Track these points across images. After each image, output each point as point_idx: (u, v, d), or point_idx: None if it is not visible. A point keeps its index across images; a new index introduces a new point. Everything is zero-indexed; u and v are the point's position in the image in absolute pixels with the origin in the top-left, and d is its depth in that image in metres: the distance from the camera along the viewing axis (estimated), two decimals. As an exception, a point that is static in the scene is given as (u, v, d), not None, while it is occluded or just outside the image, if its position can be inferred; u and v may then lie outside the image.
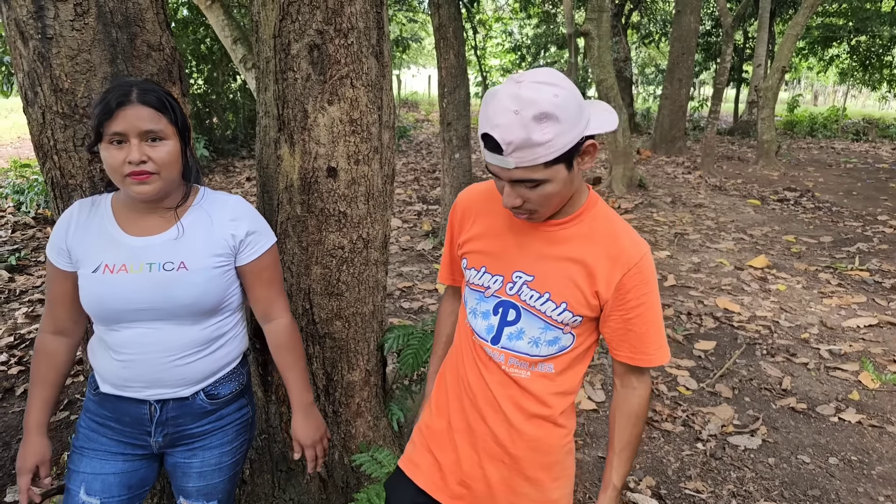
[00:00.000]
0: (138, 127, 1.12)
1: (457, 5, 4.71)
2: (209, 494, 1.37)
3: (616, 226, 1.11)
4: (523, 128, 0.91)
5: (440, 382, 1.31)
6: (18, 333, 3.65)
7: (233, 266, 1.28)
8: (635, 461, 2.44)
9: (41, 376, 1.29)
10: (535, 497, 1.20)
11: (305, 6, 1.73)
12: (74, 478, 1.25)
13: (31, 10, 1.46)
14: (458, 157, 5.00)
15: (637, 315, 1.10)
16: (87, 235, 1.22)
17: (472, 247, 1.20)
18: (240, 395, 1.38)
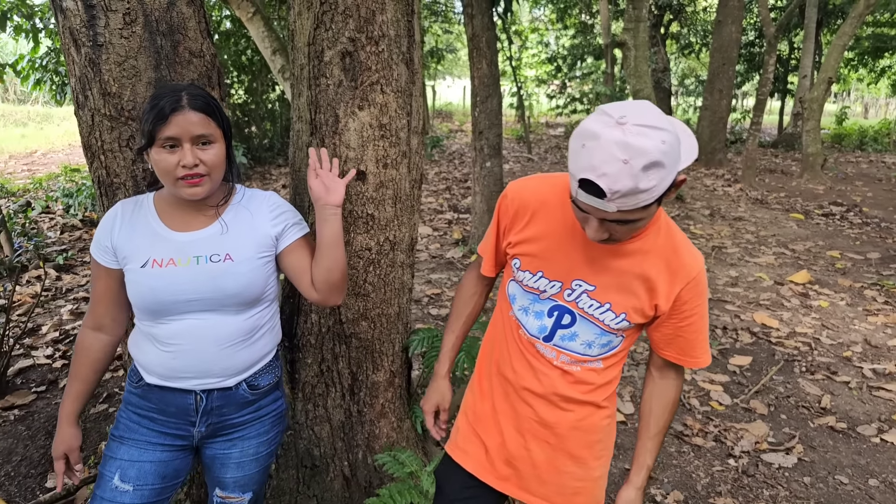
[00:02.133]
0: (191, 132, 1.17)
1: (490, 16, 4.75)
2: (245, 486, 1.41)
3: (676, 239, 1.12)
4: (632, 178, 0.87)
5: (483, 368, 1.34)
6: (63, 329, 3.82)
7: (273, 256, 1.34)
8: (663, 475, 2.39)
9: (77, 370, 1.35)
10: (579, 475, 1.24)
11: (339, 15, 1.79)
12: (110, 464, 1.30)
13: (84, 20, 1.55)
14: (489, 165, 5.02)
15: (689, 324, 1.14)
16: (133, 233, 1.27)
17: (527, 249, 1.18)
18: (275, 388, 1.42)
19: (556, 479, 1.24)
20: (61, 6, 1.57)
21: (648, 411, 1.23)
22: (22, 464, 2.44)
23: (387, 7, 1.81)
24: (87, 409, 2.86)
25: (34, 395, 2.98)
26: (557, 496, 1.25)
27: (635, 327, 1.17)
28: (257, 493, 1.47)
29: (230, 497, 1.42)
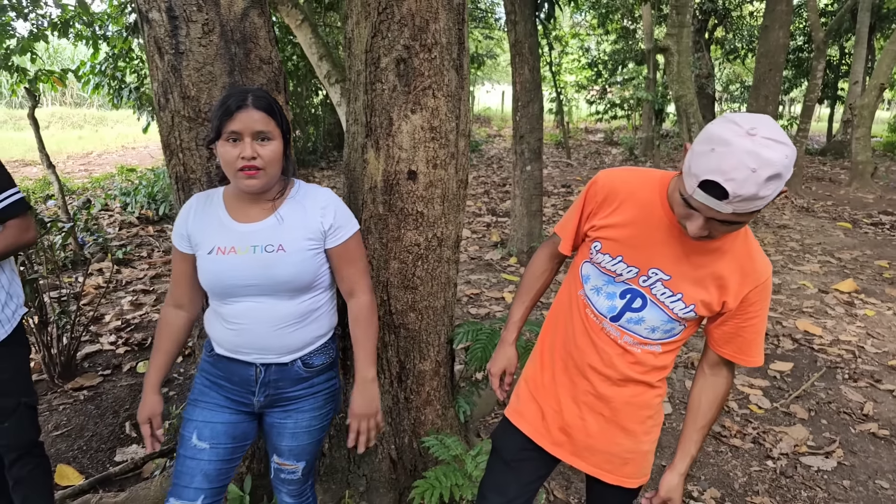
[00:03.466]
0: (251, 127, 1.31)
1: (533, 22, 4.83)
2: (299, 455, 1.54)
3: (751, 245, 1.19)
4: (756, 186, 0.95)
5: (546, 342, 1.43)
6: (125, 319, 4.07)
7: (322, 249, 1.45)
8: (700, 472, 2.42)
9: (160, 343, 1.50)
10: (629, 447, 1.31)
11: (395, 24, 1.91)
12: (188, 426, 1.45)
13: (168, 29, 1.71)
14: (529, 169, 5.09)
15: (751, 325, 1.21)
16: (204, 223, 1.42)
17: (611, 234, 1.25)
18: (329, 368, 1.54)
19: (608, 449, 1.32)
20: (147, 17, 1.74)
21: (697, 405, 1.30)
22: (93, 439, 2.64)
23: (440, 16, 1.93)
24: (149, 391, 3.06)
25: (101, 377, 3.20)
26: (607, 465, 1.33)
27: (697, 320, 1.24)
28: (310, 463, 1.59)
29: (285, 464, 1.55)
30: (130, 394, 3.03)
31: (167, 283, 4.84)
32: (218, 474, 1.43)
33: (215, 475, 1.42)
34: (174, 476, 1.43)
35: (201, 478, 1.40)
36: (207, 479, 1.41)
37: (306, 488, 1.64)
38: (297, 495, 1.63)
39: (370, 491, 2.08)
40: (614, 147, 14.54)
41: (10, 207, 1.70)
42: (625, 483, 1.35)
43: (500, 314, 4.14)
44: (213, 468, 1.42)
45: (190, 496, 1.39)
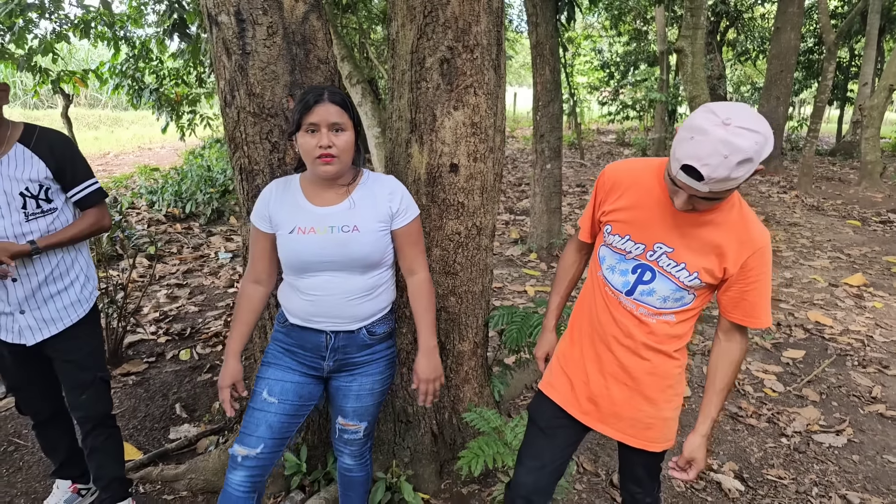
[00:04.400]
0: (328, 119, 1.46)
1: (555, 24, 4.98)
2: (362, 415, 1.69)
3: (747, 216, 1.33)
4: (728, 169, 1.10)
5: (575, 321, 1.57)
6: (162, 311, 4.24)
7: (389, 230, 1.60)
8: (718, 448, 2.56)
9: (240, 314, 1.66)
10: (651, 413, 1.45)
11: (439, 27, 2.06)
12: (260, 383, 1.61)
13: (236, 31, 1.87)
14: (549, 167, 5.23)
15: (754, 288, 1.33)
16: (283, 206, 1.57)
17: (619, 217, 1.41)
18: (389, 336, 1.69)
19: (632, 416, 1.46)
20: (216, 20, 1.90)
21: (715, 369, 1.43)
22: (146, 419, 2.81)
23: (481, 19, 2.08)
24: (194, 377, 3.23)
25: (146, 364, 3.37)
26: (631, 430, 1.47)
27: (705, 287, 1.37)
28: (371, 425, 1.75)
29: (349, 424, 1.71)
30: (176, 379, 3.20)
31: (199, 278, 5.02)
32: (281, 427, 1.58)
33: (278, 427, 1.57)
34: (242, 427, 1.59)
35: (265, 428, 1.56)
36: (270, 429, 1.56)
37: (365, 450, 1.80)
38: (357, 456, 1.78)
39: (414, 462, 2.23)
40: (626, 148, 14.65)
41: (91, 196, 1.86)
42: (649, 447, 1.48)
43: (522, 306, 4.28)
44: (278, 420, 1.57)
45: (252, 443, 1.55)
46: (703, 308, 1.44)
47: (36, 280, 1.78)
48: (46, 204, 1.76)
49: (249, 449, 1.54)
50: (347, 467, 1.81)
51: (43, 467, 2.42)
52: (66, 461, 2.10)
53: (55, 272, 1.81)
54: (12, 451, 2.55)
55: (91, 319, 1.92)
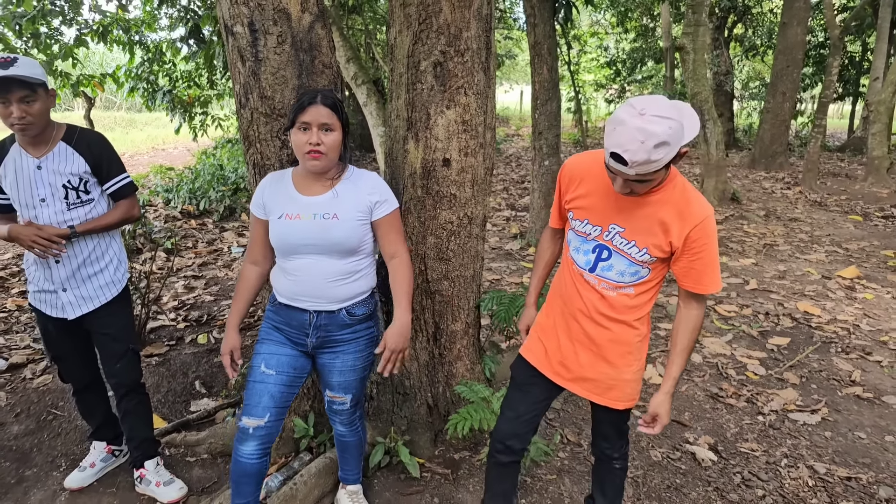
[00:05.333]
0: (318, 119, 1.65)
1: (552, 24, 5.16)
2: (346, 388, 1.90)
3: (689, 194, 1.50)
4: (646, 153, 1.28)
5: (551, 296, 1.78)
6: (181, 299, 4.50)
7: (369, 221, 1.79)
8: (696, 424, 2.75)
9: (240, 293, 1.88)
10: (613, 375, 1.64)
11: (433, 33, 2.27)
12: (257, 358, 1.81)
13: (249, 41, 2.10)
14: (547, 164, 5.42)
15: (699, 259, 1.51)
16: (276, 195, 1.78)
17: (578, 203, 1.62)
18: (369, 318, 1.89)
19: (595, 378, 1.66)
20: (232, 30, 2.12)
21: (676, 333, 1.62)
22: (168, 394, 3.05)
23: (471, 25, 2.28)
24: (211, 358, 3.48)
25: (167, 347, 3.62)
26: (596, 390, 1.68)
27: (657, 262, 1.56)
28: (356, 397, 1.95)
29: (336, 396, 1.92)
30: (195, 360, 3.44)
31: (213, 270, 5.28)
32: (281, 396, 1.79)
33: (279, 397, 1.78)
34: (244, 400, 1.80)
35: (268, 398, 1.76)
36: (273, 399, 1.77)
37: (355, 418, 2.01)
38: (347, 424, 2.00)
39: (410, 430, 2.45)
40: (632, 144, 14.69)
41: (123, 189, 2.10)
42: (612, 405, 1.69)
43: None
44: (278, 391, 1.78)
45: (259, 413, 1.75)
46: (660, 281, 1.63)
47: (76, 262, 2.02)
48: (85, 195, 2.00)
49: (258, 419, 1.75)
50: (341, 433, 2.03)
51: (78, 434, 2.68)
52: (102, 425, 2.36)
53: (92, 255, 2.05)
54: (51, 420, 2.81)
55: (123, 298, 2.16)
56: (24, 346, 3.63)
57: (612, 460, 1.83)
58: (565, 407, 2.87)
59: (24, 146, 1.96)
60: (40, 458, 2.53)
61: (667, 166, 1.38)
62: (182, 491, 2.24)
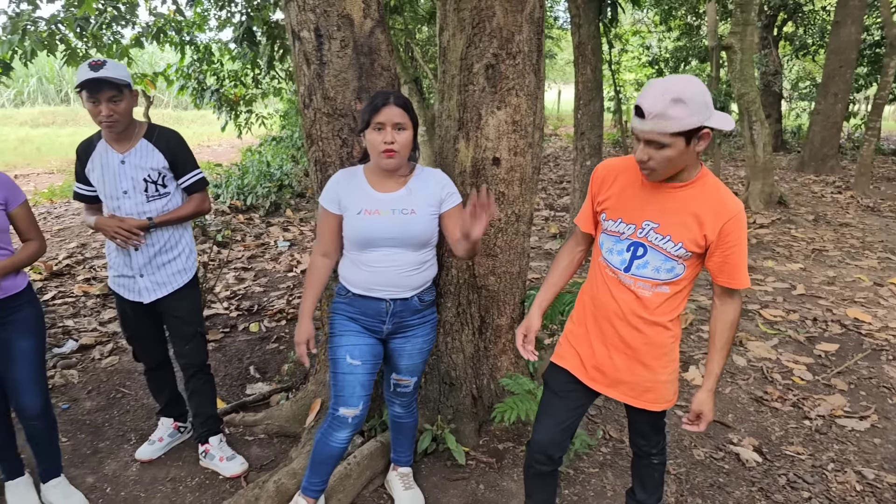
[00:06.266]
0: (392, 119, 1.76)
1: (597, 25, 5.17)
2: (413, 371, 2.01)
3: (719, 189, 1.53)
4: (663, 105, 1.35)
5: (580, 304, 1.81)
6: (232, 290, 4.70)
7: (438, 214, 1.89)
8: (741, 426, 2.75)
9: (310, 282, 1.99)
10: (649, 378, 1.67)
11: (486, 36, 2.35)
12: (339, 351, 1.91)
13: (315, 45, 2.22)
14: (589, 164, 5.42)
15: (733, 252, 1.54)
16: (350, 192, 1.89)
17: (610, 204, 1.65)
18: (433, 304, 2.01)
19: (632, 381, 1.69)
20: (299, 35, 2.25)
21: (714, 331, 1.63)
22: (226, 378, 3.23)
23: (523, 28, 2.36)
24: (263, 345, 3.64)
25: (222, 334, 3.81)
26: (632, 392, 1.70)
27: (692, 257, 1.57)
28: (418, 379, 2.06)
29: (402, 379, 2.03)
30: (248, 346, 3.62)
31: (262, 263, 5.49)
32: (368, 384, 1.90)
33: (367, 385, 1.90)
34: (335, 391, 1.90)
35: (360, 388, 1.87)
36: (363, 388, 1.88)
37: (413, 401, 2.12)
38: (406, 406, 2.11)
39: (456, 419, 2.54)
40: (674, 145, 14.44)
41: (196, 184, 2.25)
42: (649, 406, 1.71)
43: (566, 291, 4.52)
44: (367, 380, 1.89)
45: (354, 403, 1.87)
46: (693, 280, 1.64)
47: (152, 250, 2.18)
48: (162, 188, 2.16)
49: (354, 409, 1.87)
50: (398, 415, 2.13)
51: (145, 410, 2.87)
52: (169, 402, 2.53)
53: (166, 245, 2.21)
54: (120, 398, 3.01)
55: (193, 284, 2.31)
56: (91, 329, 3.87)
57: (651, 456, 1.86)
58: (606, 404, 2.91)
59: (109, 142, 2.13)
60: (112, 432, 2.72)
61: (688, 140, 1.41)
62: (243, 466, 2.38)
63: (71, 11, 5.23)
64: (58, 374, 3.25)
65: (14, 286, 1.99)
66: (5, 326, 1.98)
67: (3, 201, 1.93)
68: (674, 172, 1.52)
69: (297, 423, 2.62)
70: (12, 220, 1.99)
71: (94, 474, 2.42)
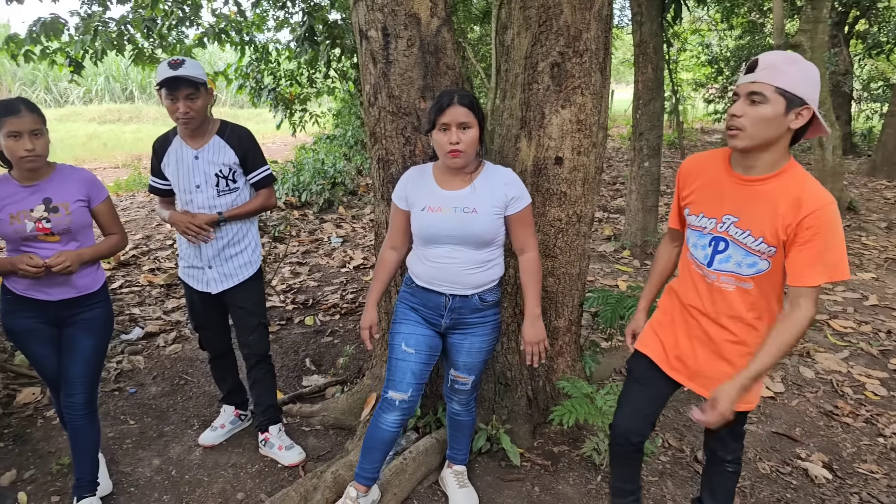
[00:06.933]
0: (457, 119, 1.75)
1: (660, 23, 5.03)
2: (471, 369, 2.01)
3: (806, 182, 1.47)
4: (781, 60, 1.41)
5: (670, 294, 1.80)
6: (288, 283, 4.82)
7: (503, 215, 1.88)
8: (809, 440, 2.63)
9: (378, 274, 2.03)
10: (730, 374, 1.60)
11: (552, 34, 2.32)
12: (396, 337, 1.96)
13: (382, 44, 2.24)
14: (647, 165, 5.29)
15: (808, 247, 1.44)
16: (418, 188, 1.91)
17: (693, 198, 1.67)
18: (496, 305, 1.99)
19: (713, 376, 1.65)
20: (366, 34, 2.27)
21: (776, 330, 1.50)
22: (282, 369, 3.31)
23: (591, 26, 2.31)
24: (318, 339, 3.71)
25: (278, 326, 3.91)
26: (712, 386, 1.63)
27: (778, 253, 1.51)
28: (477, 378, 2.06)
29: (460, 376, 2.03)
30: (304, 339, 3.70)
31: (316, 258, 5.60)
32: (420, 373, 1.92)
33: (419, 373, 1.92)
34: (388, 374, 1.94)
35: (410, 375, 1.90)
36: (414, 376, 1.91)
37: (471, 399, 2.11)
38: (464, 404, 2.10)
39: (511, 420, 2.52)
40: (733, 147, 13.92)
41: (264, 180, 2.32)
42: None
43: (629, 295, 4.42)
44: (418, 368, 1.91)
45: (403, 388, 1.90)
46: (782, 278, 1.56)
47: (221, 243, 2.26)
48: (233, 184, 2.23)
49: (402, 393, 1.90)
50: (456, 412, 2.13)
51: (206, 398, 2.98)
52: (231, 391, 2.61)
53: (234, 238, 2.28)
54: (183, 385, 3.13)
55: (258, 277, 2.38)
56: (156, 318, 4.04)
57: (725, 463, 1.81)
58: (666, 412, 2.83)
59: (184, 138, 2.21)
60: (176, 417, 2.83)
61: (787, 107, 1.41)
62: (301, 456, 2.44)
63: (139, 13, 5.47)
64: (125, 359, 3.41)
65: (90, 285, 2.08)
66: (76, 324, 2.06)
67: (86, 198, 2.03)
68: (758, 143, 1.46)
69: (353, 417, 2.67)
70: (95, 216, 2.09)
71: (160, 457, 2.52)
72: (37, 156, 1.88)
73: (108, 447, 2.56)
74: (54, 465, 2.44)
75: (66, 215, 1.96)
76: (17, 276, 1.96)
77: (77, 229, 2.00)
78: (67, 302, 2.03)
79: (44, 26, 4.72)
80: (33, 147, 1.86)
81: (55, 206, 1.95)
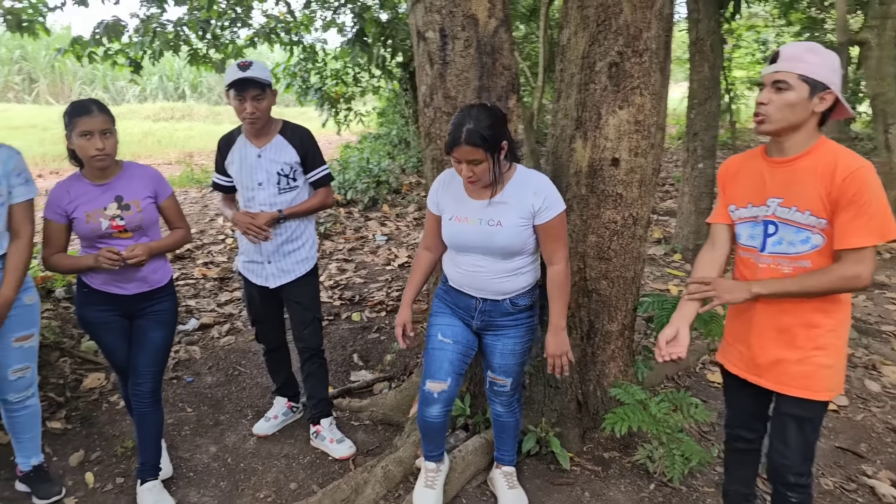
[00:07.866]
0: (466, 157, 1.71)
1: (717, 20, 4.88)
2: (506, 372, 2.01)
3: (839, 151, 1.51)
4: (800, 50, 1.50)
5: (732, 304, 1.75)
6: (335, 280, 4.90)
7: (531, 225, 1.84)
8: (876, 457, 2.51)
9: (414, 274, 2.07)
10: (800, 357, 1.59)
11: (611, 34, 2.28)
12: (433, 329, 2.00)
13: (439, 45, 2.25)
14: (701, 166, 5.14)
15: (853, 208, 1.45)
16: (448, 195, 1.93)
17: (736, 192, 1.71)
18: (530, 308, 1.97)
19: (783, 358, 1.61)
20: (424, 35, 2.29)
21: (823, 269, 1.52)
22: (331, 364, 3.37)
23: (652, 25, 2.27)
24: (365, 334, 3.77)
25: (326, 321, 3.98)
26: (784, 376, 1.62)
27: (829, 225, 1.50)
28: (515, 381, 2.05)
29: (497, 378, 2.04)
30: (351, 335, 3.76)
31: (361, 255, 5.68)
32: (458, 362, 1.95)
33: (457, 363, 1.95)
34: (425, 366, 1.99)
35: (448, 364, 1.94)
36: (452, 365, 1.94)
37: (513, 401, 2.11)
38: (506, 405, 2.11)
39: (560, 423, 2.49)
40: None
41: (322, 179, 2.37)
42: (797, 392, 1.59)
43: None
44: (456, 357, 1.95)
45: (441, 377, 1.94)
46: None
47: (280, 239, 2.32)
48: (293, 182, 2.29)
49: (440, 383, 1.93)
50: (499, 413, 2.13)
51: (259, 389, 3.06)
52: (284, 383, 2.69)
53: (293, 235, 2.34)
54: (237, 375, 3.23)
55: (313, 273, 2.44)
56: (210, 310, 4.18)
57: (789, 489, 1.68)
58: (719, 421, 2.75)
59: (248, 137, 2.28)
60: (230, 407, 2.92)
61: (811, 92, 1.48)
62: (351, 449, 2.48)
63: (194, 14, 5.66)
64: (182, 349, 3.54)
65: (160, 279, 2.17)
66: (146, 316, 2.16)
67: (154, 194, 2.12)
68: (786, 126, 1.53)
69: (401, 413, 2.70)
70: (162, 211, 2.17)
71: (217, 444, 2.61)
72: (107, 154, 1.97)
73: (168, 433, 2.66)
74: (119, 447, 2.56)
75: (138, 212, 2.05)
76: (96, 272, 2.06)
77: (148, 225, 2.09)
78: (141, 296, 2.12)
79: (106, 29, 4.94)
80: (104, 146, 1.95)
81: (126, 203, 2.04)
